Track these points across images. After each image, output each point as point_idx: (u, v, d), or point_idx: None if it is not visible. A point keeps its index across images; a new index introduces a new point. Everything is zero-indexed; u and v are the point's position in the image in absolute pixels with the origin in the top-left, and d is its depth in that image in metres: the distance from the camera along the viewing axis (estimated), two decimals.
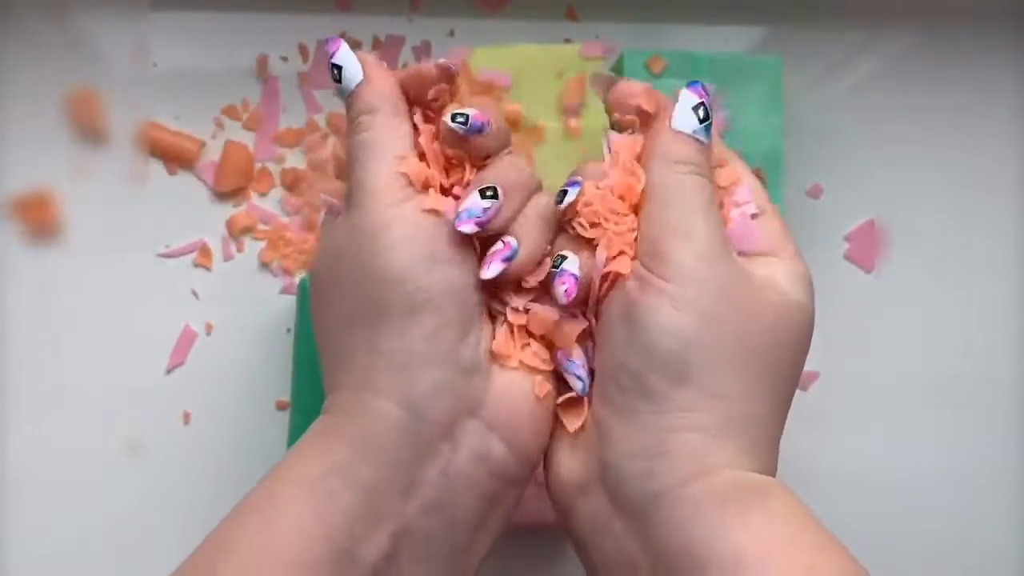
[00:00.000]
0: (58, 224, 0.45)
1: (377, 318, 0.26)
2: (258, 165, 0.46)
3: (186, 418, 0.44)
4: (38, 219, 0.44)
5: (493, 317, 0.29)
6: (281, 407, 0.45)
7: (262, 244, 0.46)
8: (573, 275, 0.27)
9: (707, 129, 0.28)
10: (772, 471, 0.27)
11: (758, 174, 0.43)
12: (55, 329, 0.44)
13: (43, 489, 0.43)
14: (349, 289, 0.27)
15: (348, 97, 0.29)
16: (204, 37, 0.46)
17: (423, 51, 0.47)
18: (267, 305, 0.45)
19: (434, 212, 0.27)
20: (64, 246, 0.45)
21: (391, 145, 0.28)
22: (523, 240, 0.28)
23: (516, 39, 0.45)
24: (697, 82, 0.29)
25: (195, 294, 0.45)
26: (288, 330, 0.45)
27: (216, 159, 0.46)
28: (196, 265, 0.45)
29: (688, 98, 0.28)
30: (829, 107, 0.48)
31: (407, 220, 0.27)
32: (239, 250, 0.46)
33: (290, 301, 0.45)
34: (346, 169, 0.29)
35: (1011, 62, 0.49)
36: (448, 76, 0.29)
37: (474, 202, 0.27)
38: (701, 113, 0.28)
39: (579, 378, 0.28)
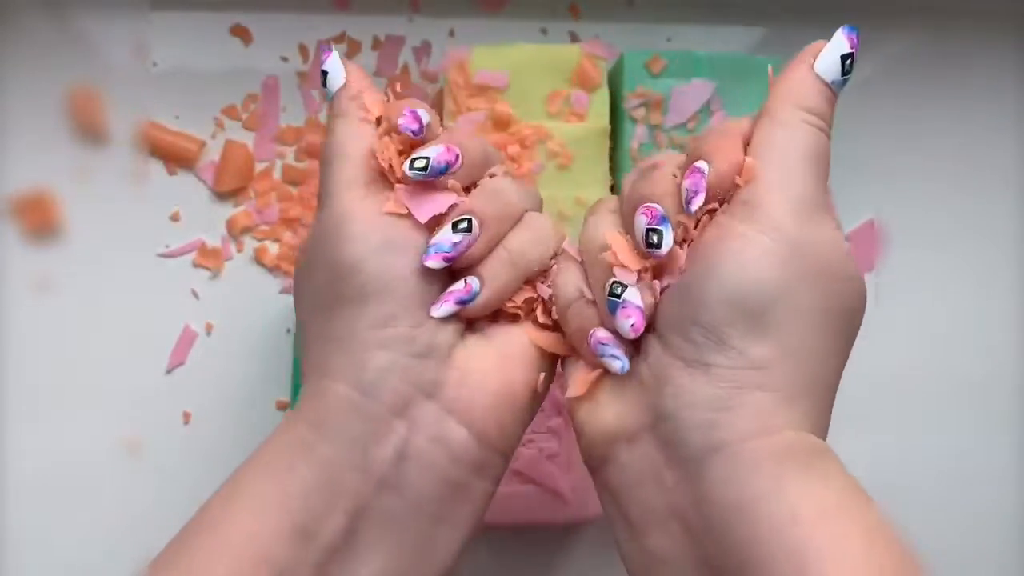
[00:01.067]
0: (58, 224, 0.45)
1: (332, 306, 0.27)
2: (259, 165, 0.46)
3: (186, 418, 0.44)
4: (38, 219, 0.44)
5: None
6: (281, 407, 0.45)
7: (262, 244, 0.46)
8: (639, 308, 0.26)
9: (845, 84, 0.27)
10: (825, 436, 0.27)
11: None
12: (55, 329, 0.44)
13: (43, 489, 0.43)
14: (314, 281, 0.28)
15: (329, 101, 0.30)
16: (204, 37, 0.46)
17: (423, 51, 0.47)
18: (267, 305, 0.45)
19: (393, 213, 0.28)
20: (64, 246, 0.45)
21: (354, 149, 0.29)
22: (487, 283, 0.28)
23: (516, 39, 0.45)
24: (855, 28, 0.27)
25: (195, 294, 0.45)
26: (288, 330, 0.45)
27: (216, 159, 0.46)
28: (196, 265, 0.45)
29: (840, 44, 0.27)
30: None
31: (365, 214, 0.27)
32: (239, 250, 0.46)
33: (290, 301, 0.45)
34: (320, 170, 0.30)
35: (1011, 62, 0.49)
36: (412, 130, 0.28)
37: (445, 236, 0.27)
38: (847, 65, 0.27)
39: (617, 358, 0.27)
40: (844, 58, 0.27)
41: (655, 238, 0.26)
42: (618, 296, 0.26)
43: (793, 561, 0.22)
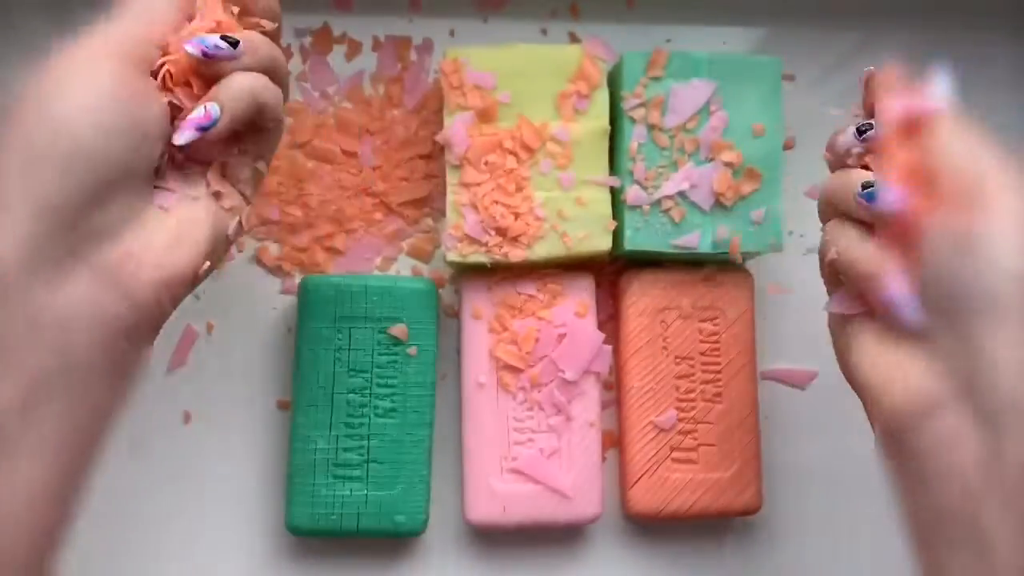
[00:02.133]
0: None
1: (26, 160, 0.27)
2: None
3: (186, 418, 0.44)
4: None
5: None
6: (281, 407, 0.45)
7: (262, 244, 0.46)
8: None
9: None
10: None
11: (756, 173, 0.43)
12: None
13: None
14: (12, 125, 0.29)
15: None
16: None
17: (425, 50, 0.47)
18: (267, 305, 0.46)
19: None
20: None
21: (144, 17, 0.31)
22: (227, 110, 0.30)
23: (516, 39, 0.45)
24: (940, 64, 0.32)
25: (195, 294, 0.45)
26: (288, 330, 0.45)
27: None
28: None
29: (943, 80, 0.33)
30: (829, 107, 0.48)
31: (103, 75, 0.30)
32: (239, 250, 0.46)
33: (290, 301, 0.45)
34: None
35: (1011, 62, 0.49)
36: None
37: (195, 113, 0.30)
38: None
39: (915, 309, 0.29)
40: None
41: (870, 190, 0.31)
42: (871, 187, 0.31)
43: None
